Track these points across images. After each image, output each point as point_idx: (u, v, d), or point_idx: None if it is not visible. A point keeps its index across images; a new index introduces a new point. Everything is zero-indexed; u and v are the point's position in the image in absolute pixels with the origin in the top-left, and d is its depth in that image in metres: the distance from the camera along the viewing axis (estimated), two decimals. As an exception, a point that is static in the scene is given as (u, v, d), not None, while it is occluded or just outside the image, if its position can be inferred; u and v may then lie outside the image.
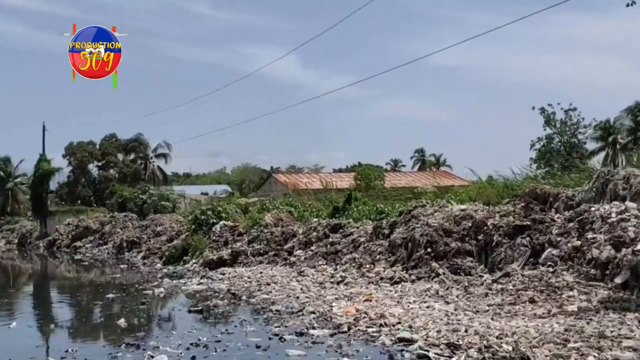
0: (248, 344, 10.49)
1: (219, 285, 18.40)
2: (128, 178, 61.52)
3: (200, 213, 29.01)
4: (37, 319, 15.36)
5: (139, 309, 15.48)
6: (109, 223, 40.82)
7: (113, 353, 10.19)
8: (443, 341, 9.53)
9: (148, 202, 42.35)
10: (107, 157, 65.08)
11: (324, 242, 20.77)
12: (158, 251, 30.01)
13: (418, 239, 16.29)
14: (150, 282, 20.49)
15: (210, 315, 13.99)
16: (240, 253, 22.99)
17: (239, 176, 78.09)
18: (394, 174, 59.27)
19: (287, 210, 27.77)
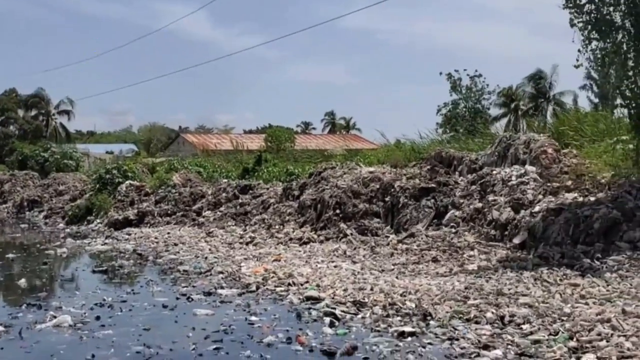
0: (155, 304, 10.37)
1: (125, 246, 18.05)
2: (29, 135, 59.14)
3: (105, 172, 28.18)
4: None
5: (40, 269, 14.98)
6: (8, 181, 39.10)
7: (13, 313, 9.84)
8: (349, 299, 9.73)
9: (50, 160, 40.84)
10: (7, 112, 62.18)
11: (234, 203, 20.68)
12: (61, 211, 29.04)
13: (327, 200, 16.48)
14: (52, 242, 19.87)
15: (116, 275, 13.72)
16: (147, 213, 22.59)
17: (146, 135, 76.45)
18: (305, 137, 59.48)
19: (196, 170, 27.43)
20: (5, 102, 62.30)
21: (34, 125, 61.27)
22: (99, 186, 27.37)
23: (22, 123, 61.68)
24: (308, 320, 9.03)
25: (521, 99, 48.07)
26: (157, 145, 66.62)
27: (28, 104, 63.10)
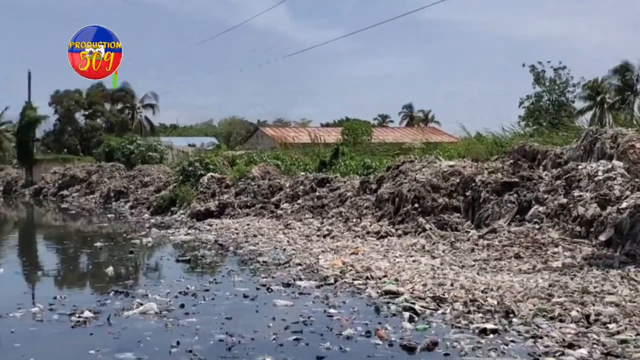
0: (236, 294, 10.58)
1: (207, 236, 18.47)
2: (115, 128, 61.19)
3: (187, 164, 28.93)
4: (24, 266, 15.37)
5: (126, 257, 15.52)
6: (96, 172, 40.69)
7: (102, 300, 10.24)
8: (429, 294, 9.65)
9: (135, 153, 42.15)
10: (94, 106, 64.56)
11: (311, 195, 20.82)
12: (145, 201, 30.00)
13: (405, 194, 16.36)
14: (137, 232, 20.54)
15: (198, 265, 14.07)
16: (227, 205, 23.04)
17: (226, 129, 77.76)
18: (382, 129, 59.23)
19: (274, 163, 27.76)
20: (93, 96, 64.65)
21: (120, 119, 63.39)
22: (182, 178, 28.12)
23: (109, 116, 63.91)
24: (387, 315, 9.01)
25: (607, 91, 46.30)
26: (237, 138, 67.75)
27: (114, 98, 65.24)
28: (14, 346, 7.72)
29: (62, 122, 64.08)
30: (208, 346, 7.66)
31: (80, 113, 65.08)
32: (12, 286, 12.13)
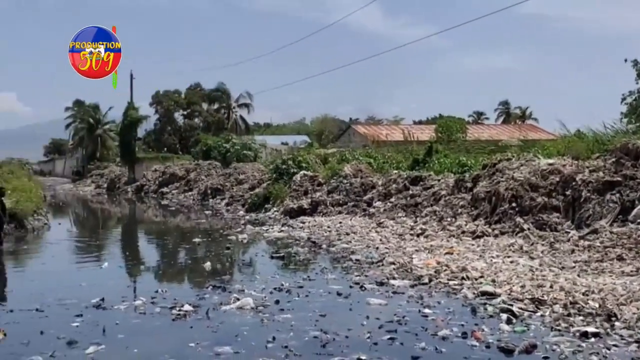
0: (329, 291, 10.66)
1: (300, 234, 18.69)
2: (212, 127, 62.77)
3: (281, 162, 29.37)
4: (127, 261, 16.00)
5: (223, 253, 15.92)
6: (194, 170, 41.93)
7: (200, 294, 10.56)
8: (527, 296, 9.41)
9: (231, 151, 43.14)
10: (192, 106, 66.45)
11: (404, 194, 20.66)
12: (241, 198, 30.66)
13: (502, 193, 15.97)
14: (233, 228, 21.03)
15: (291, 262, 14.24)
16: (319, 203, 23.22)
17: (318, 127, 78.29)
18: (477, 127, 58.09)
19: (367, 161, 27.73)
20: (191, 96, 66.58)
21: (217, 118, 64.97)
22: (275, 176, 28.57)
23: (206, 116, 65.63)
24: (484, 316, 8.85)
25: None
26: (329, 136, 68.10)
27: (211, 98, 66.97)
28: (118, 337, 8.06)
29: (162, 122, 66.32)
30: (303, 342, 7.74)
31: (179, 113, 67.15)
32: (116, 280, 12.68)
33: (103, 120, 74.28)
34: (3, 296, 11.46)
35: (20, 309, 9.51)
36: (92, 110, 74.39)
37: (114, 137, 69.71)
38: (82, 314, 9.17)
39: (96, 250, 17.90)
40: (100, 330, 8.27)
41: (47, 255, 16.62)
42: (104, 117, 74.37)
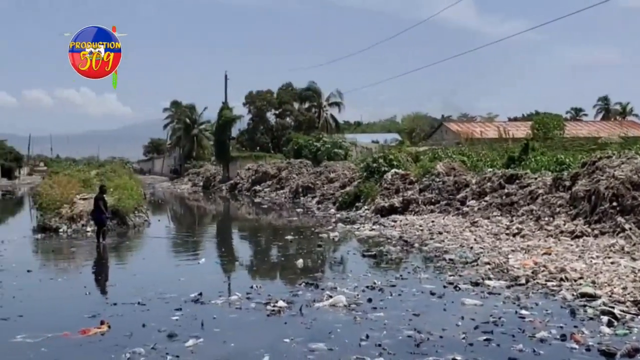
0: (422, 290, 10.56)
1: (391, 232, 18.61)
2: (303, 126, 63.34)
3: (372, 161, 29.34)
4: (222, 257, 16.39)
5: (315, 251, 16.05)
6: (285, 169, 42.51)
7: (294, 291, 10.70)
8: (629, 298, 9.05)
9: (322, 150, 43.41)
10: (284, 105, 67.27)
11: (499, 192, 20.20)
12: (331, 197, 30.84)
13: (603, 191, 15.35)
14: (324, 226, 21.17)
15: (383, 260, 14.19)
16: (411, 201, 23.05)
17: (409, 125, 77.62)
18: (575, 124, 56.09)
19: (460, 159, 27.31)
20: (283, 95, 67.40)
21: (308, 117, 65.44)
22: (366, 174, 28.58)
23: (297, 115, 66.25)
24: (583, 318, 8.56)
25: None
26: (420, 134, 67.48)
27: (302, 97, 67.54)
28: (216, 331, 8.28)
29: (255, 121, 67.44)
30: (397, 341, 7.71)
31: (271, 112, 68.09)
32: (213, 275, 13.03)
33: (199, 120, 76.43)
34: (107, 290, 11.97)
35: (123, 302, 9.91)
36: (188, 111, 76.69)
37: (209, 136, 71.59)
38: (182, 308, 9.48)
39: (193, 246, 18.42)
40: (198, 324, 8.51)
41: (148, 250, 17.27)
42: (199, 117, 76.53)
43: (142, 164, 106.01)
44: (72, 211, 20.82)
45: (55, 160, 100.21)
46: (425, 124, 74.16)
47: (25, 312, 9.39)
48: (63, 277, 12.96)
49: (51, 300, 10.65)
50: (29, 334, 8.03)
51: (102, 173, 34.35)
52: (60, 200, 21.58)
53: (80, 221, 20.38)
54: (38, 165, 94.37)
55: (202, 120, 76.49)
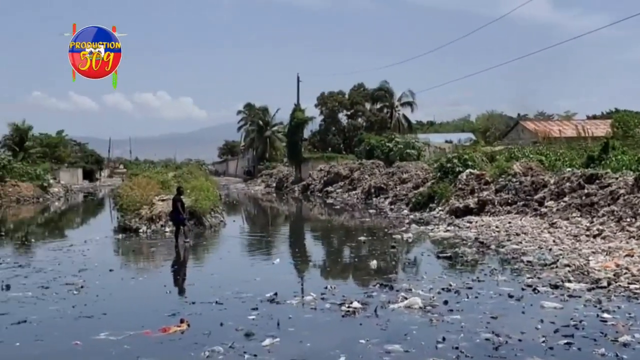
0: (500, 293, 10.39)
1: (466, 234, 18.36)
2: (375, 126, 63.17)
3: (445, 161, 29.00)
4: (296, 257, 16.53)
5: (388, 252, 15.99)
6: (357, 170, 42.50)
7: (368, 292, 10.70)
8: None
9: (394, 150, 43.20)
10: (356, 106, 67.27)
11: (578, 193, 19.61)
12: (404, 197, 30.64)
13: (690, 191, 14.72)
14: (397, 227, 21.06)
15: (458, 262, 14.01)
16: (487, 202, 22.66)
17: (484, 124, 76.27)
18: (658, 121, 53.80)
19: (537, 159, 26.66)
20: (355, 96, 67.36)
21: (380, 117, 65.16)
22: (440, 175, 28.27)
23: (369, 115, 66.07)
24: (670, 323, 8.23)
25: None
26: (495, 133, 66.18)
27: (374, 97, 67.30)
28: (291, 331, 8.37)
29: (327, 122, 67.65)
30: (474, 344, 7.61)
31: (343, 113, 68.15)
32: (287, 275, 13.19)
33: (271, 122, 77.37)
34: (186, 289, 12.26)
35: (202, 301, 10.15)
36: (261, 113, 77.75)
37: (282, 138, 72.32)
38: (258, 307, 9.63)
39: (267, 246, 18.65)
40: (274, 323, 8.63)
41: (224, 250, 17.58)
42: (272, 119, 77.48)
43: (217, 165, 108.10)
44: (151, 212, 21.45)
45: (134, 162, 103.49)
46: (501, 123, 72.63)
47: (108, 310, 9.73)
48: (143, 276, 13.36)
49: (132, 299, 11.02)
50: (111, 331, 8.33)
51: (179, 175, 35.19)
52: (140, 202, 22.27)
53: (159, 222, 20.98)
54: (118, 168, 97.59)
55: (274, 122, 77.43)
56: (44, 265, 14.15)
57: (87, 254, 16.02)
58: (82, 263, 14.48)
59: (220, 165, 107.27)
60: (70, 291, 11.19)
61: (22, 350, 7.82)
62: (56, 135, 71.76)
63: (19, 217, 31.43)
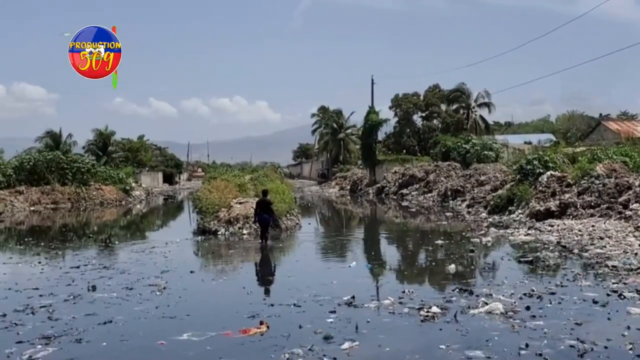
0: (584, 298, 10.08)
1: (548, 237, 17.89)
2: (451, 128, 62.41)
3: (525, 162, 28.34)
4: (372, 260, 16.46)
5: (466, 256, 15.75)
6: (433, 172, 42.08)
7: (447, 297, 10.55)
8: None
9: (471, 152, 42.59)
10: (431, 107, 66.68)
11: (667, 195, 18.85)
12: (482, 200, 30.12)
13: None
14: (475, 231, 20.71)
15: (539, 266, 13.66)
16: (569, 205, 22.01)
17: (564, 124, 74.26)
18: None
19: (621, 160, 25.73)
20: (430, 97, 66.77)
21: (456, 119, 64.31)
22: (519, 177, 27.66)
23: (445, 117, 65.32)
24: None
25: None
26: (576, 134, 64.31)
27: (450, 98, 66.49)
28: (370, 335, 8.34)
29: (401, 124, 67.29)
30: (558, 351, 7.41)
31: (417, 115, 67.69)
32: (364, 278, 13.13)
33: (345, 124, 77.64)
34: (264, 291, 12.43)
35: (280, 303, 10.25)
36: (335, 116, 78.17)
37: (356, 140, 72.46)
38: (335, 310, 9.65)
39: (342, 249, 18.68)
40: (353, 327, 8.62)
41: (300, 253, 17.71)
42: (346, 122, 77.77)
43: (291, 168, 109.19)
44: (229, 214, 21.84)
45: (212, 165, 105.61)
46: (582, 123, 70.57)
47: (191, 311, 9.95)
48: (223, 278, 13.59)
49: (213, 300, 11.23)
50: (194, 332, 8.51)
51: (255, 178, 35.69)
52: (219, 204, 22.72)
53: (236, 224, 21.33)
54: (196, 171, 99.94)
55: (348, 125, 77.70)
56: (128, 267, 14.61)
57: (169, 256, 16.44)
58: (163, 264, 14.87)
59: (294, 168, 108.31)
60: (154, 292, 11.50)
61: (108, 350, 8.08)
62: (137, 140, 74.21)
63: (102, 219, 32.58)
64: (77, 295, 11.29)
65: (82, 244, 20.49)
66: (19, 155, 43.63)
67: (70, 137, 58.42)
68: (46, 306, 10.32)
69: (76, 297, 11.09)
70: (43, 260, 16.11)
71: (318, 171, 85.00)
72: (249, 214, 20.63)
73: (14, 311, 9.96)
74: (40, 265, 15.19)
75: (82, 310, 10.01)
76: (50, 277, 13.42)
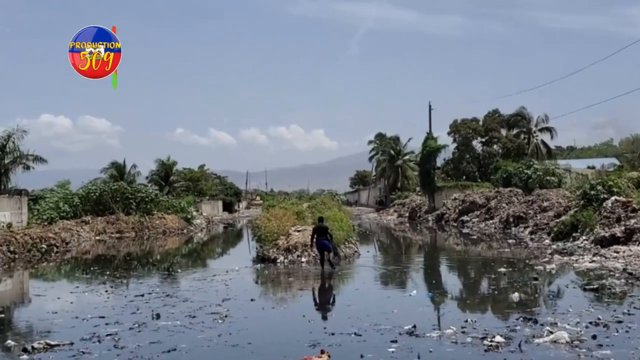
0: (655, 328, 9.75)
1: (613, 264, 17.43)
2: (511, 153, 61.46)
3: (589, 188, 27.69)
4: (432, 289, 16.27)
5: (530, 284, 15.44)
6: (494, 198, 41.45)
7: (510, 326, 10.36)
8: None
9: (533, 177, 41.89)
10: (490, 132, 65.91)
11: None
12: (545, 227, 29.53)
13: None
14: (539, 258, 20.31)
15: (605, 294, 13.28)
16: (635, 230, 21.39)
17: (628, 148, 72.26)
18: None
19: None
20: (489, 122, 66.05)
21: (516, 144, 63.37)
22: (583, 202, 27.03)
23: (505, 142, 64.40)
24: None
25: None
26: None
27: (510, 123, 65.62)
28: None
29: (460, 150, 66.73)
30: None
31: (477, 140, 67.02)
32: (425, 307, 13.00)
33: (403, 151, 77.38)
34: (324, 319, 12.42)
35: (341, 332, 10.24)
36: (392, 142, 78.04)
37: (414, 167, 72.08)
38: (397, 340, 9.56)
39: (402, 277, 18.52)
40: (414, 356, 8.55)
41: (359, 281, 17.65)
42: (404, 148, 77.50)
43: (349, 195, 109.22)
44: (287, 242, 21.98)
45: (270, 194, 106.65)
46: (646, 147, 68.55)
47: (252, 339, 10.03)
48: (283, 306, 13.67)
49: (274, 328, 11.30)
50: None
51: (313, 205, 35.85)
52: (277, 232, 22.90)
53: (295, 252, 21.44)
54: (255, 199, 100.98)
55: (406, 151, 77.39)
56: (190, 295, 14.85)
57: (229, 284, 16.64)
58: (224, 292, 15.05)
59: (352, 195, 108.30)
60: (216, 320, 11.64)
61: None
62: (198, 170, 75.68)
63: (165, 248, 33.20)
64: (142, 323, 11.51)
65: (146, 273, 20.92)
66: (85, 186, 44.97)
67: (134, 168, 60.11)
68: (112, 334, 10.54)
69: (141, 325, 11.31)
70: (108, 288, 16.53)
71: (376, 198, 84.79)
72: (307, 242, 20.73)
73: (81, 340, 10.21)
74: (106, 294, 15.58)
75: (146, 339, 10.20)
76: (116, 305, 13.73)
